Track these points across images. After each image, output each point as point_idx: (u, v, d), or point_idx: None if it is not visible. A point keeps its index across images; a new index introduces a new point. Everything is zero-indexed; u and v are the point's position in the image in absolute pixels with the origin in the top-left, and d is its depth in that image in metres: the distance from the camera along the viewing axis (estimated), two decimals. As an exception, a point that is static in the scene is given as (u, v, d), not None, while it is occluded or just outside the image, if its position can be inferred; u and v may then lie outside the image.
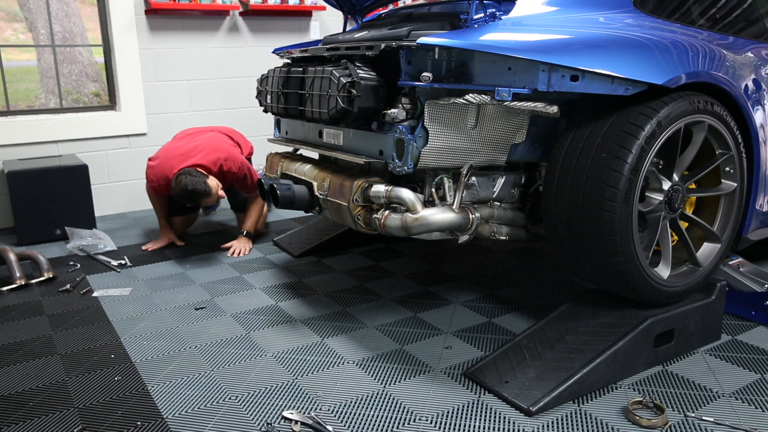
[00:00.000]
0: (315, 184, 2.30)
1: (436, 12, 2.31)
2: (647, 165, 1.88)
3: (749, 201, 2.29)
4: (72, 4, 4.11)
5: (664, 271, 2.08)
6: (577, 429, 1.75)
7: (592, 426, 1.76)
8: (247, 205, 3.54)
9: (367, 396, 1.93)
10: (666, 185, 2.02)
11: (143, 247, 3.45)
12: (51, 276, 2.96)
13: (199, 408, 1.87)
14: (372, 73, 2.05)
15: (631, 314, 2.04)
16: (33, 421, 1.82)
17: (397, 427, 1.76)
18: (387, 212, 2.06)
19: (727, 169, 2.17)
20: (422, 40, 1.89)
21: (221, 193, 3.28)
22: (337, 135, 2.32)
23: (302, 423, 1.78)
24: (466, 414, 1.82)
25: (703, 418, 1.78)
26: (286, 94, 2.44)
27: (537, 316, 2.47)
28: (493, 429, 1.75)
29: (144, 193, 4.38)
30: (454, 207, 2.03)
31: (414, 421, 1.79)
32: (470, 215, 2.06)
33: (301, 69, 2.33)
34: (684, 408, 1.84)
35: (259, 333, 2.37)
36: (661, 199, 2.02)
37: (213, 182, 3.20)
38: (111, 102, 4.28)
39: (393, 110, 2.00)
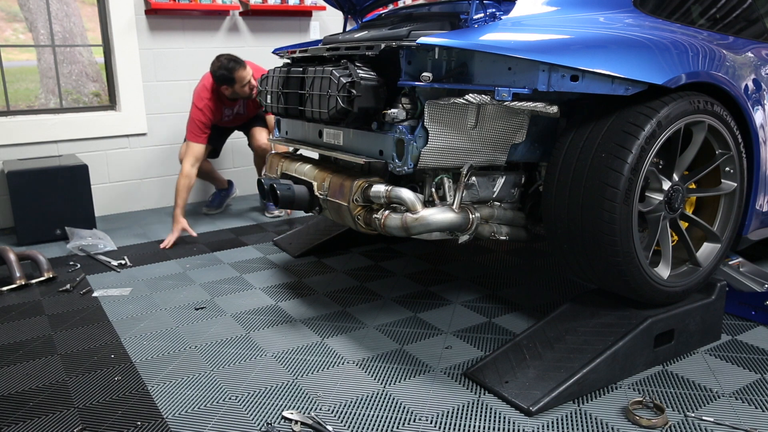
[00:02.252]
0: (315, 184, 2.30)
1: (436, 12, 2.31)
2: (647, 165, 1.88)
3: (749, 201, 2.29)
4: (72, 4, 4.11)
5: (664, 271, 2.08)
6: (577, 429, 1.75)
7: (592, 426, 1.76)
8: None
9: (367, 396, 1.93)
10: (666, 185, 2.02)
11: (161, 246, 3.46)
12: (51, 276, 2.96)
13: (199, 408, 1.87)
14: (372, 73, 2.05)
15: (631, 314, 2.04)
16: (33, 421, 1.82)
17: (397, 427, 1.76)
18: (387, 212, 2.06)
19: (727, 169, 2.17)
20: (422, 40, 1.89)
21: (254, 82, 3.67)
22: (337, 135, 2.32)
23: (302, 423, 1.78)
24: (466, 414, 1.82)
25: (703, 418, 1.78)
26: (286, 94, 2.44)
27: (537, 316, 2.47)
28: (493, 429, 1.75)
29: (144, 193, 4.39)
30: (454, 207, 2.03)
31: (414, 421, 1.79)
32: (470, 215, 2.06)
33: (301, 69, 2.33)
34: (684, 408, 1.84)
35: (259, 333, 2.37)
36: (661, 199, 2.02)
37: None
38: (111, 102, 4.28)
39: (393, 110, 2.00)
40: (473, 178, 2.12)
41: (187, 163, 3.62)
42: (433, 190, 2.10)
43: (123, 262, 3.22)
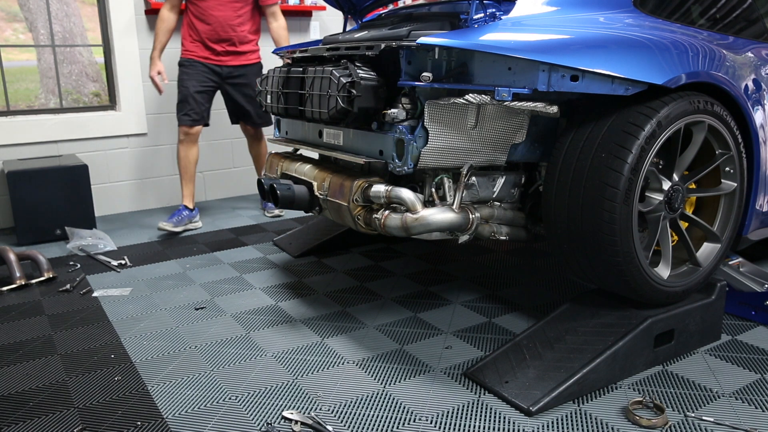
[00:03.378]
0: (315, 184, 2.30)
1: (436, 12, 2.31)
2: (647, 165, 1.88)
3: (749, 201, 2.29)
4: (72, 4, 4.11)
5: (664, 271, 2.08)
6: (577, 429, 1.75)
7: (592, 426, 1.76)
8: (275, 36, 3.91)
9: (367, 396, 1.93)
10: (666, 185, 2.02)
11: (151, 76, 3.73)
12: (51, 276, 2.96)
13: (199, 408, 1.87)
14: (372, 73, 2.05)
15: (631, 314, 2.04)
16: (33, 421, 1.82)
17: (397, 427, 1.76)
18: (387, 212, 2.06)
19: (727, 169, 2.18)
20: (422, 40, 1.89)
21: None
22: (337, 135, 2.32)
23: (302, 423, 1.79)
24: (466, 414, 1.82)
25: (703, 418, 1.78)
26: (286, 94, 2.44)
27: (537, 316, 2.47)
28: (493, 429, 1.75)
29: (144, 193, 4.39)
30: (454, 207, 2.03)
31: (414, 421, 1.79)
32: (470, 215, 2.06)
33: (301, 69, 2.33)
34: (684, 408, 1.84)
35: (259, 333, 2.37)
36: (661, 199, 2.02)
37: None
38: (111, 102, 4.28)
39: (393, 110, 2.00)
40: (473, 178, 2.12)
41: (164, 9, 3.69)
42: (433, 190, 2.10)
43: (123, 262, 3.22)
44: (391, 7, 3.06)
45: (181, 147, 3.82)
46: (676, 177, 2.06)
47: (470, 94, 1.88)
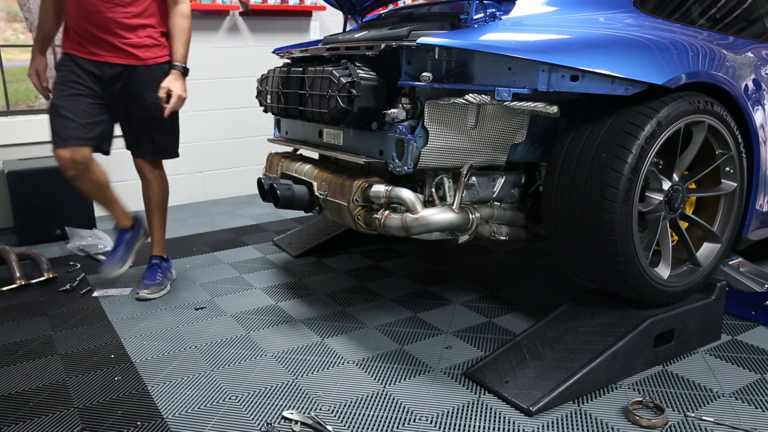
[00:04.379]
0: (315, 184, 2.30)
1: (436, 12, 2.31)
2: (647, 165, 1.88)
3: (749, 201, 2.29)
4: (72, 4, 4.11)
5: (664, 271, 2.08)
6: (577, 429, 1.75)
7: (592, 426, 1.76)
8: (170, 26, 2.65)
9: (367, 396, 1.93)
10: (666, 185, 2.02)
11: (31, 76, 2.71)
12: (51, 276, 2.96)
13: (199, 408, 1.87)
14: (372, 73, 2.05)
15: (631, 314, 2.04)
16: (33, 421, 1.82)
17: (397, 427, 1.76)
18: (387, 212, 2.06)
19: (727, 169, 2.18)
20: (422, 40, 1.89)
21: None
22: (337, 135, 2.32)
23: (302, 423, 1.79)
24: (466, 414, 1.82)
25: (703, 418, 1.78)
26: (286, 94, 2.44)
27: (537, 316, 2.47)
28: (493, 429, 1.75)
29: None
30: (454, 207, 2.03)
31: (414, 421, 1.79)
32: (470, 215, 2.06)
33: (301, 69, 2.33)
34: (684, 408, 1.84)
35: (259, 333, 2.37)
36: (661, 199, 2.02)
37: None
38: (111, 102, 4.27)
39: (393, 110, 2.00)
40: (473, 178, 2.12)
41: None
42: (433, 190, 2.10)
43: (123, 262, 3.21)
44: (391, 7, 3.06)
45: (72, 181, 2.79)
46: (676, 177, 2.06)
47: (470, 94, 1.88)
